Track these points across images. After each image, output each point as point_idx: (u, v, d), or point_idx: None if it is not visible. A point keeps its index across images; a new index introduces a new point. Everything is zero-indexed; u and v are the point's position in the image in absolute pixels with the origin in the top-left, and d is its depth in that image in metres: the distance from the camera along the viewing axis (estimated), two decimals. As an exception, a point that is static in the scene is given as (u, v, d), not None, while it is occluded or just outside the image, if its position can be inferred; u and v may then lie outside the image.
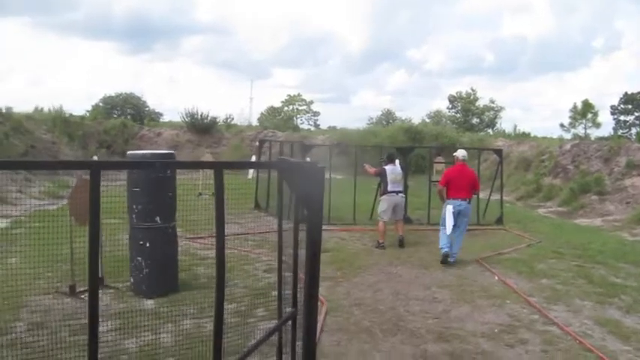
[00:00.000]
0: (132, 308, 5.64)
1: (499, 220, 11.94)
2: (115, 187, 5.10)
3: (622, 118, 58.29)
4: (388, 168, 9.37)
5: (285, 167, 3.01)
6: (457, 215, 8.23)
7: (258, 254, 8.25)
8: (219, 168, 2.31)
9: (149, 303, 5.96)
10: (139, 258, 6.22)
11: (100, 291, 2.32)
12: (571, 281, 7.39)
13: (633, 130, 52.78)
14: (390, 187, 9.26)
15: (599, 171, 15.32)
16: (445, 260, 8.15)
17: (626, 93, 58.31)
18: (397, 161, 9.62)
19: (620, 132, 51.15)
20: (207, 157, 16.49)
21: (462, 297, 6.58)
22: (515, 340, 5.25)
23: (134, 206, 6.15)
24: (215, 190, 2.24)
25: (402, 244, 9.33)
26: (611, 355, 4.88)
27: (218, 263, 2.29)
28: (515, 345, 5.12)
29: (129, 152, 7.29)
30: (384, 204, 9.37)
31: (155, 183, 6.10)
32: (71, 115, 24.48)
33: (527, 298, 6.53)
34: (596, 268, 8.15)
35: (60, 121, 22.18)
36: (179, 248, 6.85)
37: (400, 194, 9.40)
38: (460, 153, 8.73)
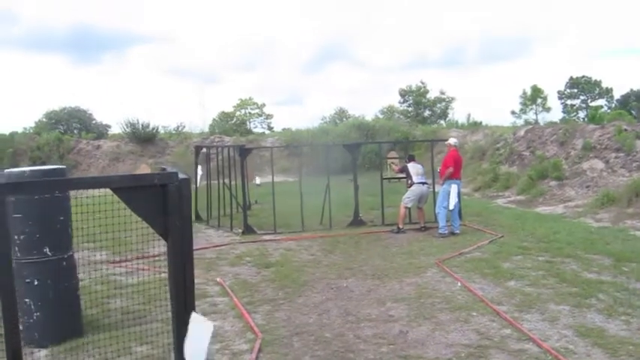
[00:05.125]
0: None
1: (458, 215, 11.15)
2: None
3: (569, 102, 59.42)
4: (410, 165, 10.65)
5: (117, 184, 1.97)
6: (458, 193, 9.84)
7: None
8: None
9: (42, 354, 4.81)
10: (27, 300, 5.02)
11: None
12: (541, 281, 6.57)
13: (581, 114, 53.77)
14: (415, 179, 10.35)
15: (556, 155, 14.77)
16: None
17: (571, 77, 59.48)
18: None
19: (567, 116, 51.96)
20: (144, 169, 15.19)
21: (421, 312, 5.65)
22: (486, 366, 4.34)
23: (16, 237, 4.97)
24: None
25: (424, 229, 10.36)
26: (601, 378, 4.03)
27: None
28: (487, 373, 4.21)
29: (6, 171, 6.02)
30: (410, 193, 10.36)
31: (40, 206, 4.95)
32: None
33: (495, 307, 5.64)
34: (566, 263, 7.38)
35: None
36: (94, 278, 6.06)
37: (426, 185, 10.45)
38: (452, 140, 10.38)
